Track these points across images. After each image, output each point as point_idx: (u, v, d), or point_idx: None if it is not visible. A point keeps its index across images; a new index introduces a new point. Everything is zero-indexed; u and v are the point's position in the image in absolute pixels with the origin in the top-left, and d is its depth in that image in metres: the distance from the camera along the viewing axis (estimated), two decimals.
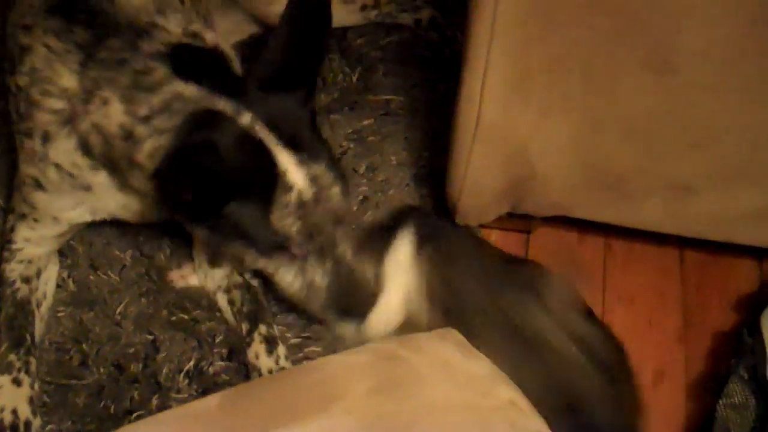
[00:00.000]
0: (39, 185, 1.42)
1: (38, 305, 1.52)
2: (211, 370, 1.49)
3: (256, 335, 1.50)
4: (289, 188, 1.26)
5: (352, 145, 1.79)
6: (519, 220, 1.63)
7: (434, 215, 1.64)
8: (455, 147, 1.43)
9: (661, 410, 1.45)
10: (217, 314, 1.55)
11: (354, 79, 1.88)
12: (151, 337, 1.52)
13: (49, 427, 1.43)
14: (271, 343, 1.49)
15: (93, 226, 1.56)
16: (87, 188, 1.40)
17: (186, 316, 1.54)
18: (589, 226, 1.63)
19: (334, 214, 1.33)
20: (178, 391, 1.45)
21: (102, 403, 1.45)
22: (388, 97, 1.86)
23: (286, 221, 1.28)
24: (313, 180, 1.28)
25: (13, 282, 1.51)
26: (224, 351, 1.51)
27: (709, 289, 1.63)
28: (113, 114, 1.27)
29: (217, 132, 1.23)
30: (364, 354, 1.04)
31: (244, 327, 1.51)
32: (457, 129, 1.42)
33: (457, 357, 1.01)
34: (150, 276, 1.59)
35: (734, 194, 1.46)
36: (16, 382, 1.42)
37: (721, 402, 1.33)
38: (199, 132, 1.23)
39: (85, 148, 1.35)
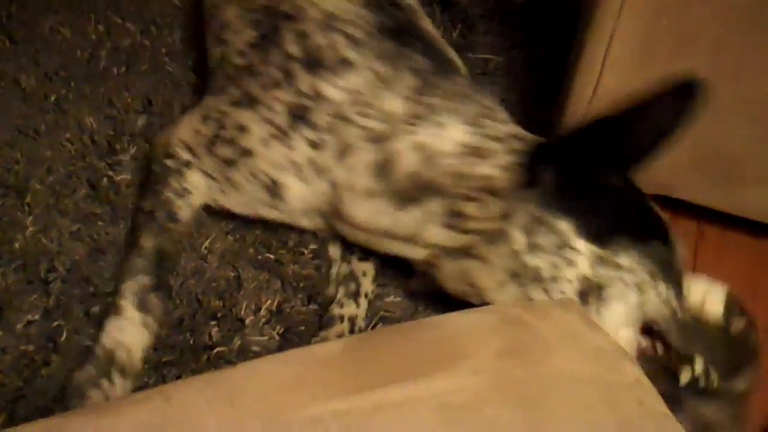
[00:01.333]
0: (273, 190, 1.40)
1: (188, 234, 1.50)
2: (293, 312, 1.48)
3: (371, 263, 1.50)
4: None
5: None
6: None
7: None
8: (567, 113, 1.40)
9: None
10: (302, 256, 1.54)
11: (454, 35, 1.85)
12: (234, 274, 1.51)
13: None
14: (376, 279, 1.50)
15: None
16: (336, 212, 1.38)
17: (272, 256, 1.54)
18: (684, 208, 1.60)
19: None
20: (261, 333, 1.44)
21: (181, 336, 1.44)
22: (486, 56, 1.83)
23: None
24: None
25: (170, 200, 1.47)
26: (305, 296, 1.50)
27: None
28: (450, 134, 1.28)
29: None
30: (488, 314, 1.01)
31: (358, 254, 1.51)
32: (571, 95, 1.39)
33: (583, 328, 0.99)
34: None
35: None
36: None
37: None
38: None
39: (383, 171, 1.31)
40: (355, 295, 1.49)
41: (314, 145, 1.34)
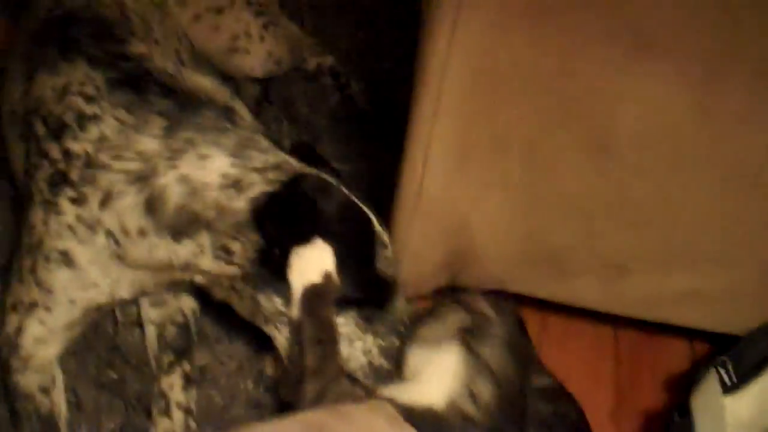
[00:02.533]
0: (68, 260, 1.37)
1: (60, 416, 1.43)
2: None
3: (178, 369, 1.50)
4: (384, 245, 1.33)
5: None
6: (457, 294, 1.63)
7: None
8: (396, 218, 1.44)
9: None
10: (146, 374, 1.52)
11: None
12: (74, 400, 1.48)
13: None
14: (189, 381, 1.49)
15: None
16: (122, 259, 1.37)
17: (114, 375, 1.51)
18: (527, 301, 1.64)
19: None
20: None
21: None
22: (335, 165, 1.87)
23: (388, 270, 1.33)
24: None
25: (33, 396, 1.41)
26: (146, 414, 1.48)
27: (641, 368, 1.64)
28: (213, 166, 1.30)
29: (324, 189, 1.31)
30: (293, 424, 1.02)
31: (168, 358, 1.51)
32: (398, 201, 1.43)
33: (385, 429, 1.00)
34: None
35: (667, 276, 1.48)
36: None
37: None
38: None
39: (151, 208, 1.32)
40: (166, 411, 1.47)
41: (76, 201, 1.35)
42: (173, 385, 1.48)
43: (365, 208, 1.34)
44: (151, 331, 1.56)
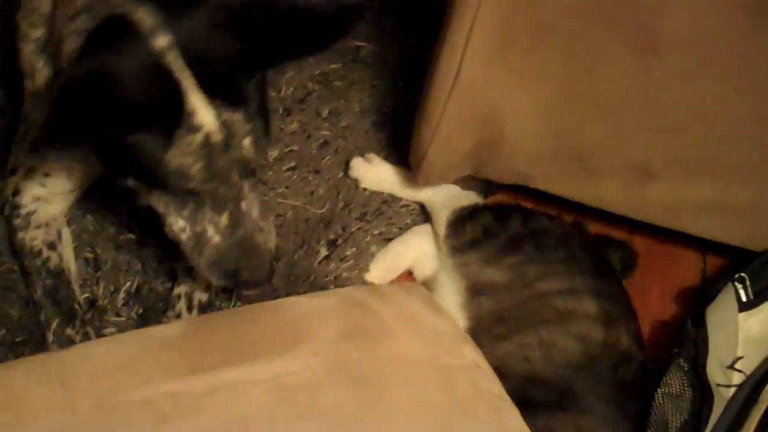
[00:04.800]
0: None
1: (69, 270, 1.44)
2: (151, 292, 1.46)
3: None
4: (195, 128, 1.14)
5: (317, 88, 1.76)
6: (477, 184, 1.63)
7: None
8: (429, 101, 1.42)
9: None
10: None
11: None
12: (92, 255, 1.48)
13: None
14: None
15: None
16: None
17: (132, 236, 1.51)
18: (544, 198, 1.64)
19: (243, 164, 1.22)
20: (118, 314, 1.42)
21: (34, 317, 1.41)
22: (358, 43, 1.84)
23: (185, 160, 1.16)
24: (226, 125, 1.16)
25: (40, 251, 1.42)
26: (165, 276, 1.48)
27: (653, 274, 1.65)
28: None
29: (120, 55, 1.10)
30: (332, 298, 1.02)
31: None
32: (432, 82, 1.40)
33: (424, 311, 1.01)
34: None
35: (692, 184, 1.47)
36: None
37: (659, 391, 1.36)
38: (100, 54, 1.11)
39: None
40: (188, 271, 1.44)
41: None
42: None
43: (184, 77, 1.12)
44: None
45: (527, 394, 1.31)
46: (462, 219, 1.53)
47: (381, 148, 1.70)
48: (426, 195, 1.61)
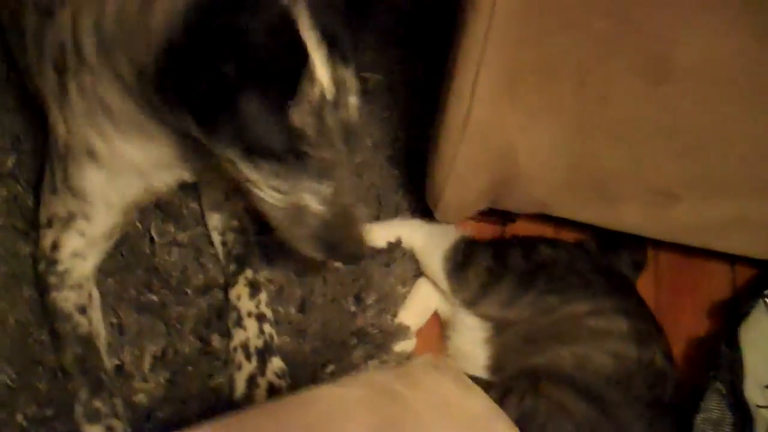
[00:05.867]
0: (95, 157, 1.30)
1: (98, 335, 1.41)
2: (177, 356, 1.45)
3: (241, 278, 1.49)
4: (314, 84, 1.11)
5: None
6: (496, 214, 1.61)
7: None
8: (441, 144, 1.40)
9: None
10: (185, 296, 1.51)
11: None
12: (116, 320, 1.48)
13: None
14: (254, 287, 1.49)
15: None
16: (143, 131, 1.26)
17: (155, 298, 1.50)
18: (564, 222, 1.62)
19: (347, 128, 1.17)
20: (145, 380, 1.42)
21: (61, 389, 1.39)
22: (365, 74, 1.82)
23: (306, 119, 1.12)
24: (338, 83, 1.13)
25: (70, 315, 1.39)
26: (193, 336, 1.47)
27: (681, 291, 1.63)
28: None
29: (253, 12, 1.07)
30: (359, 388, 0.99)
31: (232, 268, 1.51)
32: (444, 126, 1.38)
33: (455, 393, 0.98)
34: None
35: (714, 203, 1.45)
36: (110, 430, 1.33)
37: (698, 416, 1.34)
38: (230, 12, 1.06)
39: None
40: (238, 322, 1.47)
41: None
42: (240, 295, 1.48)
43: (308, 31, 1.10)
44: (216, 240, 1.55)
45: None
46: (461, 266, 1.50)
47: (398, 186, 1.68)
48: (407, 242, 1.59)
